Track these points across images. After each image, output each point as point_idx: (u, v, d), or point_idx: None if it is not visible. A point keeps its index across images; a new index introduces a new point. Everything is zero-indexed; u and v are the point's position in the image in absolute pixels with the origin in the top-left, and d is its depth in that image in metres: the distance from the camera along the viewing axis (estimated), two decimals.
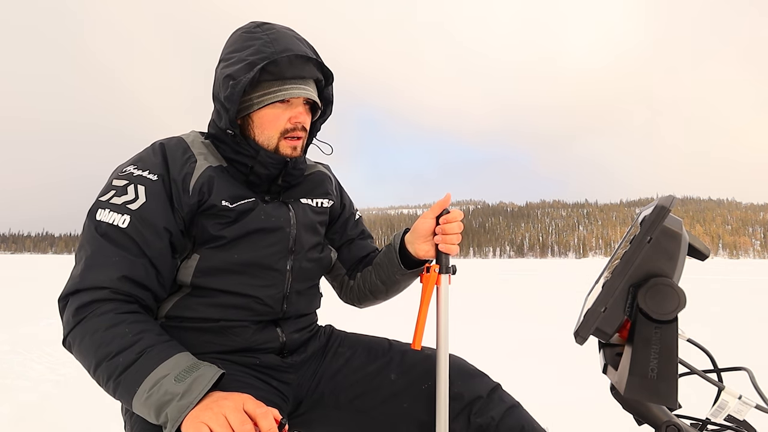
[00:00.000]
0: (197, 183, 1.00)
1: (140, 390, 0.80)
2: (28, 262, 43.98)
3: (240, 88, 0.98)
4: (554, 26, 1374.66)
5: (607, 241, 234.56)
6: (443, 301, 1.05)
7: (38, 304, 8.01)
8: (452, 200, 1.11)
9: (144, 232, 0.94)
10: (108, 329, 0.86)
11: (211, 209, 1.00)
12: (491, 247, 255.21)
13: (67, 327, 0.89)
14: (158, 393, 0.79)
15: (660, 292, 0.67)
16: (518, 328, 5.84)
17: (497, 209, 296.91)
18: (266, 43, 1.01)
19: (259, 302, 1.04)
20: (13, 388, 3.17)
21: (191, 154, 1.04)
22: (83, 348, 0.87)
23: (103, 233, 0.93)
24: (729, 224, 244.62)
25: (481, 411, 1.02)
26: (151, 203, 0.96)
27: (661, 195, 0.75)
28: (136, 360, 0.83)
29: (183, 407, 0.77)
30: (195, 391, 0.79)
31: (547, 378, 3.49)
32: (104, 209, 0.95)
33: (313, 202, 1.17)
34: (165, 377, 0.80)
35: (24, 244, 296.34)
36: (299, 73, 1.03)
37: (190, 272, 1.00)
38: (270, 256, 1.05)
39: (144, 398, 0.80)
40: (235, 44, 1.05)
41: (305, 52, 1.03)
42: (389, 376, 1.10)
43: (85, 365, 0.88)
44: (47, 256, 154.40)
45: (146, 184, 0.98)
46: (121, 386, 0.82)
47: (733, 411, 0.72)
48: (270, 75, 1.01)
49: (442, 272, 1.06)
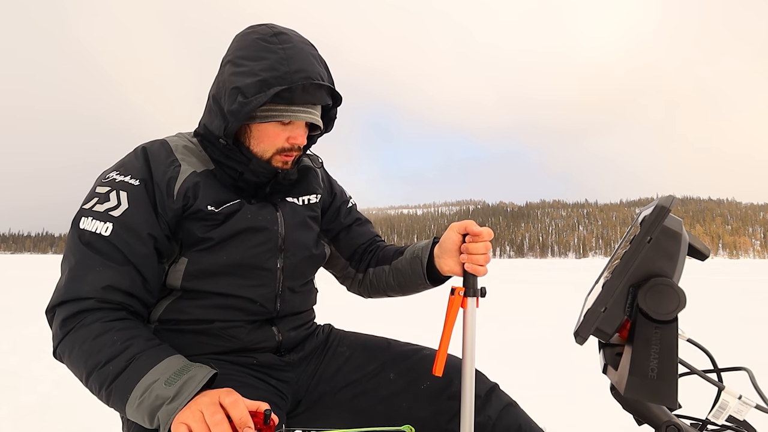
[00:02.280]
0: (182, 187, 0.99)
1: (132, 397, 0.80)
2: (28, 262, 43.96)
3: (250, 108, 0.94)
4: (565, 17, 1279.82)
5: (607, 241, 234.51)
6: (469, 326, 0.97)
7: (38, 304, 8.01)
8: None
9: (127, 239, 0.93)
10: (96, 338, 0.85)
11: (197, 213, 0.99)
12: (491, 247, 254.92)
13: (56, 339, 0.89)
14: (149, 398, 0.79)
15: (660, 292, 0.67)
16: (518, 328, 5.84)
17: (497, 209, 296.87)
18: (282, 60, 0.96)
19: (252, 302, 1.03)
20: (13, 388, 3.17)
21: (175, 158, 1.02)
22: (73, 358, 0.86)
23: (87, 242, 0.92)
24: (729, 224, 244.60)
25: (478, 410, 1.02)
26: (133, 209, 0.95)
27: (661, 195, 0.75)
28: (126, 367, 0.82)
29: (172, 410, 0.76)
30: (185, 392, 0.78)
31: (547, 378, 3.49)
32: (87, 217, 0.94)
33: (299, 200, 1.15)
34: (155, 382, 0.80)
35: (24, 244, 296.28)
36: (310, 99, 1.00)
37: (179, 276, 1.00)
38: (259, 255, 1.04)
39: (136, 405, 0.80)
40: (247, 50, 0.99)
41: (319, 76, 0.99)
42: (388, 376, 1.10)
43: (78, 375, 0.88)
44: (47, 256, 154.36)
45: (128, 189, 0.96)
46: (113, 394, 0.82)
47: (733, 411, 0.71)
48: (281, 99, 0.98)
49: (469, 295, 0.98)
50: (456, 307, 0.97)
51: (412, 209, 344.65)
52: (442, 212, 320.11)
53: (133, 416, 0.82)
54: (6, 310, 7.19)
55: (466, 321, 0.98)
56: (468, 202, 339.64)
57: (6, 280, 14.66)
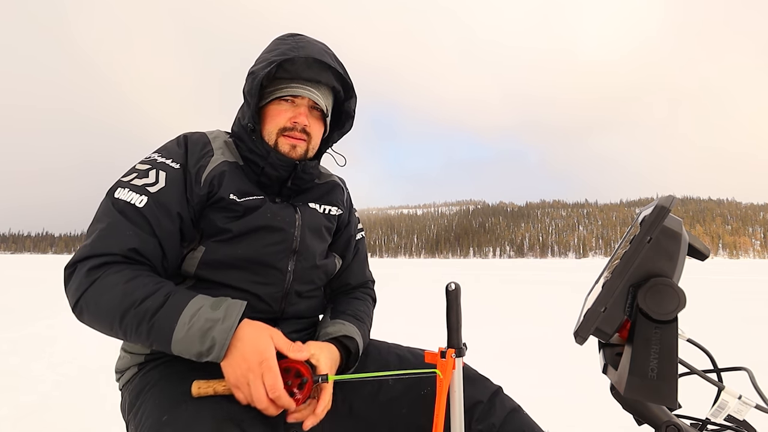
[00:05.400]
0: (209, 175, 1.04)
1: (179, 324, 0.86)
2: (28, 262, 44.00)
3: (257, 81, 1.03)
4: (569, 15, 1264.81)
5: (607, 241, 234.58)
6: (458, 391, 0.91)
7: (38, 304, 8.01)
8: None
9: (158, 214, 0.98)
10: (128, 281, 0.89)
11: (220, 202, 1.03)
12: (491, 247, 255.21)
13: (80, 289, 0.90)
14: (199, 321, 0.86)
15: (660, 292, 0.67)
16: (518, 328, 5.84)
17: (497, 209, 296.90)
18: (292, 48, 1.07)
19: (259, 299, 1.05)
20: (13, 388, 3.17)
21: (210, 149, 1.08)
22: (102, 305, 0.88)
23: (120, 209, 0.96)
24: (729, 224, 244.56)
25: (481, 417, 1.01)
26: (170, 189, 1.00)
27: (663, 194, 0.75)
28: (165, 302, 0.88)
29: (227, 328, 0.86)
30: (232, 315, 0.88)
31: (547, 378, 3.49)
32: (123, 188, 0.99)
33: (321, 207, 1.18)
34: (201, 308, 0.88)
35: (24, 244, 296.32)
36: (314, 76, 1.08)
37: (194, 263, 1.03)
38: (272, 254, 1.06)
39: (186, 329, 0.86)
40: (267, 48, 1.11)
41: (326, 59, 1.07)
42: (387, 381, 1.10)
43: (106, 321, 0.89)
44: (47, 255, 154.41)
45: (168, 171, 1.02)
46: (155, 326, 0.86)
47: (733, 411, 0.72)
48: (286, 73, 1.06)
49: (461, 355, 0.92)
50: (450, 372, 0.90)
51: (412, 209, 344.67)
52: (442, 212, 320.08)
53: (179, 343, 0.86)
54: (6, 310, 7.18)
55: (454, 385, 0.91)
56: (468, 202, 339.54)
57: (6, 280, 14.65)
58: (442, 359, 0.91)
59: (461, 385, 0.93)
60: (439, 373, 0.90)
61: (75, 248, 0.94)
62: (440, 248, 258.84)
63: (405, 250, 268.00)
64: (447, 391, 0.91)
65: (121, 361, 1.07)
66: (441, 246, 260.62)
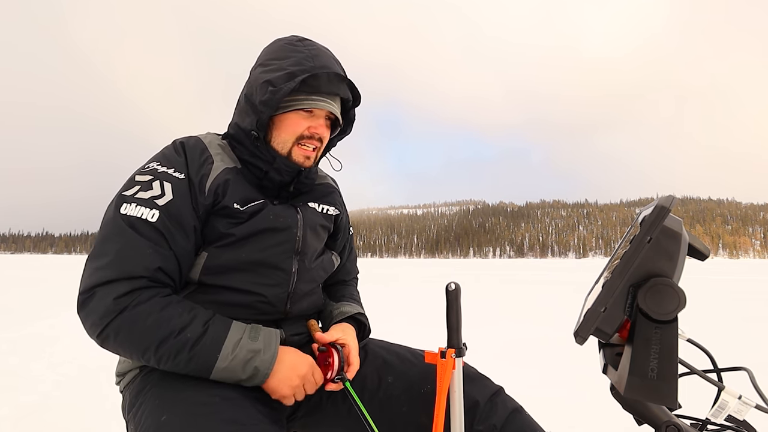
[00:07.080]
0: (213, 184, 1.02)
1: (222, 355, 0.90)
2: (28, 262, 43.99)
3: (280, 95, 1.01)
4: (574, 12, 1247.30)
5: (607, 241, 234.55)
6: (458, 390, 0.92)
7: (38, 304, 8.01)
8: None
9: (172, 228, 0.96)
10: (162, 310, 0.90)
11: (224, 210, 1.03)
12: (491, 247, 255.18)
13: (107, 317, 0.88)
14: (242, 353, 0.92)
15: (660, 292, 0.67)
16: (518, 328, 5.84)
17: (497, 209, 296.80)
18: (307, 57, 1.05)
19: (264, 301, 1.05)
20: (13, 388, 3.17)
21: (209, 155, 1.06)
22: (135, 333, 0.88)
23: (132, 226, 0.94)
24: (729, 224, 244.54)
25: (482, 418, 1.01)
26: (178, 201, 0.98)
27: (664, 194, 0.75)
28: (205, 332, 0.91)
29: (269, 359, 0.94)
30: (272, 345, 0.96)
31: (547, 378, 3.49)
32: (130, 203, 0.96)
33: (320, 207, 1.19)
34: (241, 339, 0.93)
35: (24, 244, 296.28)
36: (334, 90, 1.08)
37: (198, 270, 1.02)
38: (277, 255, 1.07)
39: (230, 360, 0.91)
40: (275, 53, 1.08)
41: (341, 71, 1.09)
42: (387, 379, 1.10)
43: (137, 349, 0.89)
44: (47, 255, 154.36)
45: (172, 181, 1.00)
46: (196, 357, 0.90)
47: (733, 411, 0.71)
48: (308, 87, 1.05)
49: (461, 355, 0.93)
50: (449, 372, 0.92)
51: (412, 209, 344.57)
52: (442, 212, 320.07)
53: (222, 371, 0.91)
54: (6, 310, 7.18)
55: (454, 385, 0.93)
56: (468, 202, 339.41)
57: (6, 280, 14.65)
58: (442, 359, 0.92)
59: (461, 384, 0.93)
60: None
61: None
62: (440, 248, 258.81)
63: (405, 250, 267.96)
64: (447, 390, 0.92)
65: (121, 365, 1.07)
66: (441, 246, 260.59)
